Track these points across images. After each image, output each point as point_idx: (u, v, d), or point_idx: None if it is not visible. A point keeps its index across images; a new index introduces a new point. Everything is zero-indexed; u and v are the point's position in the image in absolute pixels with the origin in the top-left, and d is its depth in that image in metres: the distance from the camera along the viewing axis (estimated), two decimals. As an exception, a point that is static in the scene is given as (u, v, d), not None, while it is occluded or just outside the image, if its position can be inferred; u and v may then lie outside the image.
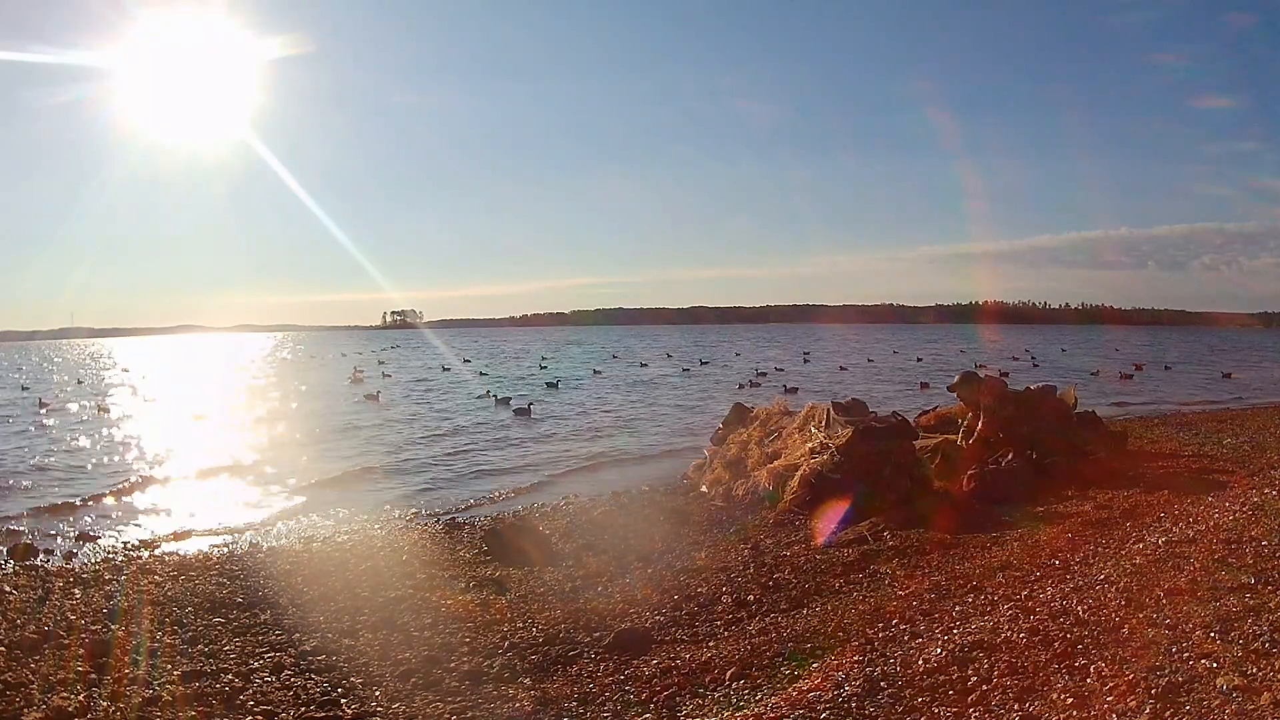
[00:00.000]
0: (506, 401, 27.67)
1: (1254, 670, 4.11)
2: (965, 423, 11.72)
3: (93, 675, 5.36)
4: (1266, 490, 8.74)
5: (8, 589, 7.52)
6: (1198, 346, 72.28)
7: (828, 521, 8.78)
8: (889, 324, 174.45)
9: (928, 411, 14.13)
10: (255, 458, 17.18)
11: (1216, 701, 3.83)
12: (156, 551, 9.51)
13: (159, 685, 5.23)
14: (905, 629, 5.45)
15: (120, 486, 14.14)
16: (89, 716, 4.81)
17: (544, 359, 58.19)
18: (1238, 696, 3.84)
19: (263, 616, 6.68)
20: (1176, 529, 7.27)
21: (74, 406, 30.33)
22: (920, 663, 4.74)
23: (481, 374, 43.44)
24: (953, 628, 5.34)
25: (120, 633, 6.24)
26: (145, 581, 7.75)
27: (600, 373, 43.72)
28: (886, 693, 4.44)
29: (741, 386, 32.61)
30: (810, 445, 10.68)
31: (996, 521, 8.40)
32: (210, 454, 17.67)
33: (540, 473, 15.25)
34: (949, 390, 12.53)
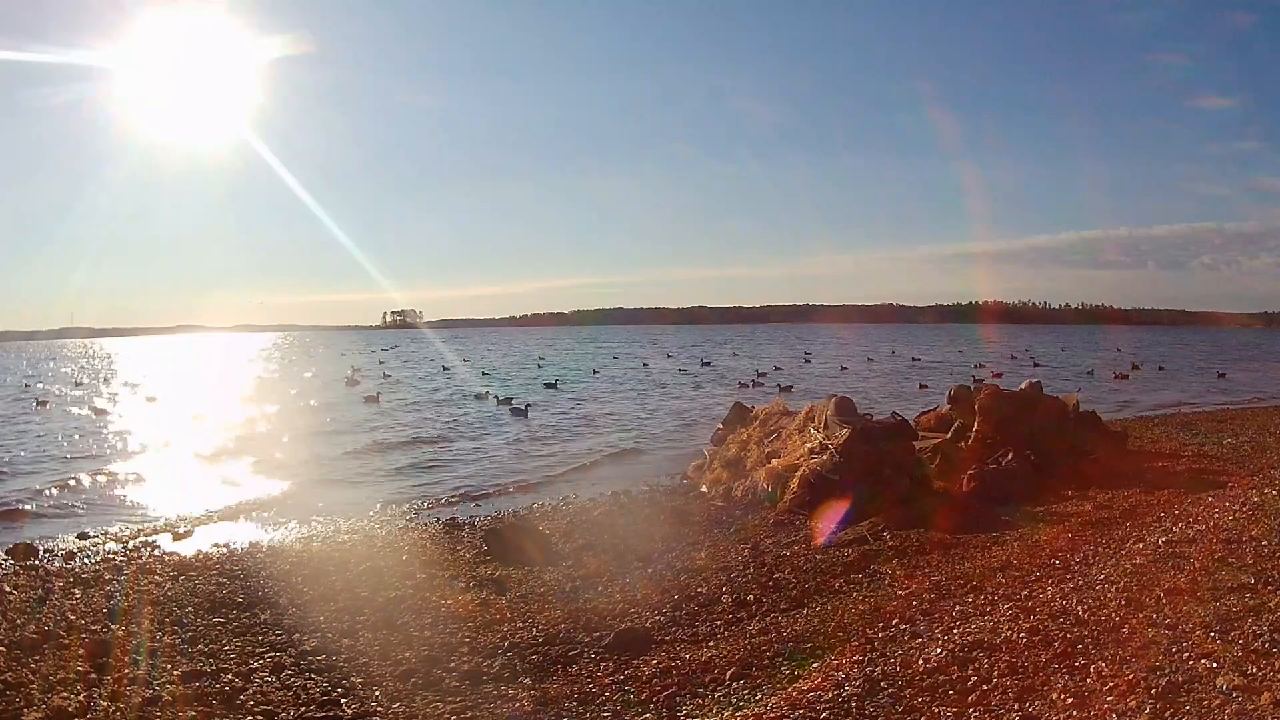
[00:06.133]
0: (506, 401, 27.67)
1: (1254, 670, 4.11)
2: (962, 422, 11.75)
3: (93, 675, 5.36)
4: (1266, 490, 8.75)
5: (8, 589, 7.52)
6: (1195, 346, 72.29)
7: (828, 521, 8.78)
8: (889, 324, 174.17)
9: (928, 412, 14.14)
10: (254, 458, 17.18)
11: (1216, 701, 3.83)
12: (156, 551, 9.51)
13: (159, 685, 5.23)
14: (905, 629, 5.45)
15: (119, 486, 14.15)
16: (89, 716, 4.81)
17: (541, 359, 58.20)
18: (1238, 696, 3.84)
19: (263, 616, 6.68)
20: (1176, 529, 7.28)
21: (74, 407, 30.32)
22: (920, 662, 4.74)
23: (484, 374, 43.41)
24: (953, 628, 5.34)
25: (120, 633, 6.24)
26: (145, 581, 7.75)
27: (600, 373, 43.73)
28: (886, 692, 4.44)
29: (742, 386, 32.62)
30: (810, 445, 10.68)
31: (996, 521, 8.41)
32: (210, 454, 17.68)
33: (540, 473, 15.26)
34: (948, 403, 12.60)
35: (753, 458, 11.66)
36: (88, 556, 9.24)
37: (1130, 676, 4.16)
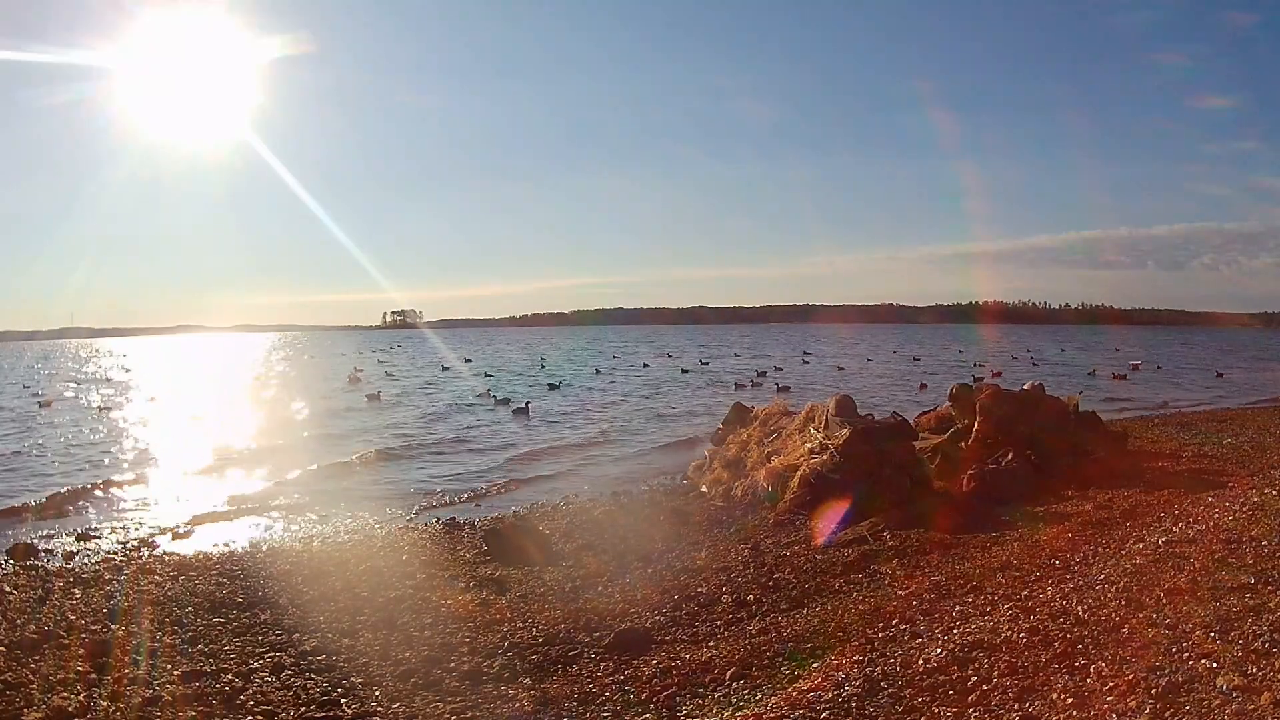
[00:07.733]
0: (506, 401, 27.68)
1: (1254, 670, 4.11)
2: (964, 423, 11.74)
3: (93, 675, 5.36)
4: (1266, 490, 8.75)
5: (8, 589, 7.52)
6: (1195, 346, 72.29)
7: (828, 521, 8.78)
8: (889, 324, 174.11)
9: (928, 412, 14.12)
10: (254, 458, 17.18)
11: (1216, 701, 3.83)
12: (156, 551, 9.51)
13: (159, 685, 5.24)
14: (905, 629, 5.45)
15: (120, 487, 14.14)
16: (89, 716, 4.81)
17: (543, 359, 58.21)
18: (1238, 696, 3.84)
19: (263, 616, 6.68)
20: (1176, 529, 7.28)
21: (74, 407, 30.33)
22: (920, 663, 4.74)
23: (485, 374, 43.36)
24: (953, 628, 5.34)
25: (120, 633, 6.24)
26: (145, 581, 7.75)
27: (601, 373, 43.74)
28: (886, 693, 4.44)
29: (741, 386, 32.61)
30: (810, 445, 10.68)
31: (996, 521, 8.41)
32: (209, 455, 17.67)
33: (540, 472, 15.26)
34: (949, 401, 12.59)
35: (753, 458, 11.66)
36: (88, 556, 9.24)
37: (1130, 676, 4.16)
